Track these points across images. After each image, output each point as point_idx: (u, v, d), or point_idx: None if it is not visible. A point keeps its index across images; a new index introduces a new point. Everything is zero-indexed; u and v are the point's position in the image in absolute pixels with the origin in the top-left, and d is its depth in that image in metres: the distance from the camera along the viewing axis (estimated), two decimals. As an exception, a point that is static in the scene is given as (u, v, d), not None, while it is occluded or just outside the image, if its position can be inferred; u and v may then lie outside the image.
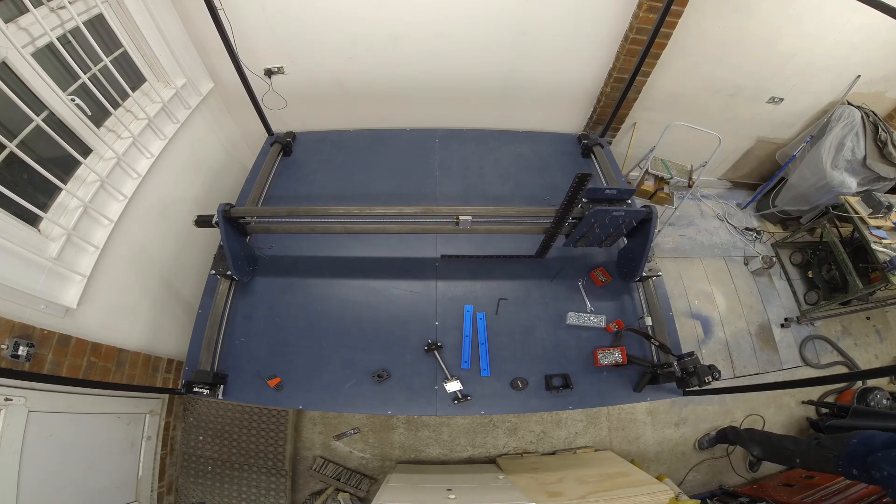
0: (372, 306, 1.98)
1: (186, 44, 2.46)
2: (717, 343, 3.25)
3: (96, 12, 1.93)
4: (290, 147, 2.59)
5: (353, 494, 2.56)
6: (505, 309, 1.98)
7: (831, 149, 3.09)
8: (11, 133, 1.58)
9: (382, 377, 1.76)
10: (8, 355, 1.45)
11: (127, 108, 2.17)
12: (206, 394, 1.69)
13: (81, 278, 1.76)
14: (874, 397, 2.74)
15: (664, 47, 2.59)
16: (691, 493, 2.73)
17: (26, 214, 1.61)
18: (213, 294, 1.94)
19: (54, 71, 1.76)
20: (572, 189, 1.55)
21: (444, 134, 2.71)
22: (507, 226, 1.99)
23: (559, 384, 1.78)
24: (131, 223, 2.08)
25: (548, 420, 2.85)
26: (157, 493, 2.21)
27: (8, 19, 1.56)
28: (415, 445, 2.74)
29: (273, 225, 2.05)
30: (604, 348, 1.84)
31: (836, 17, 2.55)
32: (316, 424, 2.76)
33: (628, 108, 3.07)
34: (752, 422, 3.00)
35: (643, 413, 2.96)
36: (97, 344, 1.86)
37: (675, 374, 1.75)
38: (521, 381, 1.78)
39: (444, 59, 2.75)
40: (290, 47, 2.62)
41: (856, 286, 2.91)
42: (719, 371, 1.71)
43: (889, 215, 2.90)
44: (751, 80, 2.96)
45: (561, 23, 2.56)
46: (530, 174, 2.51)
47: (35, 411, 1.56)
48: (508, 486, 2.08)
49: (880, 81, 3.03)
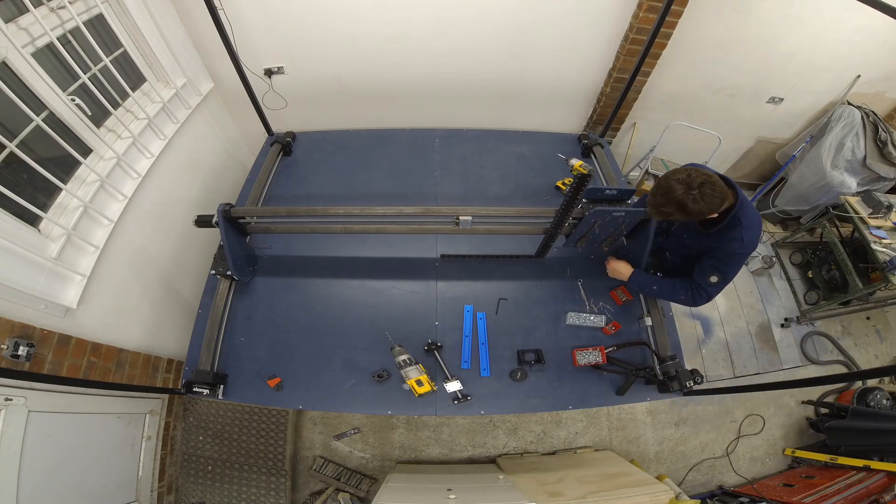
0: (372, 306, 1.97)
1: (186, 44, 2.46)
2: (718, 343, 3.25)
3: (96, 12, 1.93)
4: (290, 147, 2.58)
5: (353, 494, 2.56)
6: (505, 309, 1.98)
7: (831, 149, 3.09)
8: (11, 133, 1.58)
9: (382, 377, 1.76)
10: (8, 355, 1.45)
11: (127, 108, 2.17)
12: (206, 394, 1.69)
13: (81, 278, 1.76)
14: (874, 397, 2.74)
15: (664, 47, 2.60)
16: (691, 493, 2.73)
17: (26, 214, 1.61)
18: (213, 294, 1.94)
19: (54, 71, 1.76)
20: (572, 189, 1.55)
21: (444, 134, 2.71)
22: (507, 226, 1.99)
23: (531, 359, 1.80)
24: (131, 223, 2.08)
25: (548, 420, 2.85)
26: (157, 492, 2.21)
27: (8, 19, 1.56)
28: (415, 445, 2.74)
29: (273, 225, 2.05)
30: (582, 348, 1.83)
31: (836, 17, 2.55)
32: (316, 424, 2.76)
33: (628, 108, 3.07)
34: (751, 422, 3.00)
35: (643, 413, 2.96)
36: (97, 344, 1.86)
37: (657, 377, 1.75)
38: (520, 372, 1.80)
39: (443, 59, 2.75)
40: (290, 47, 2.62)
41: (856, 286, 2.91)
42: (702, 376, 1.71)
43: (889, 215, 2.90)
44: (751, 80, 2.96)
45: (561, 23, 2.56)
46: (530, 174, 2.51)
47: (35, 411, 1.56)
48: (509, 486, 2.08)
49: (880, 81, 3.03)
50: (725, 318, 3.34)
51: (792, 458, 2.90)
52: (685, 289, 1.73)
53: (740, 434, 2.97)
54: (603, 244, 1.98)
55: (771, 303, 3.47)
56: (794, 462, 2.90)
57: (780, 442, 3.00)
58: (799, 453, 2.85)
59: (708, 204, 1.40)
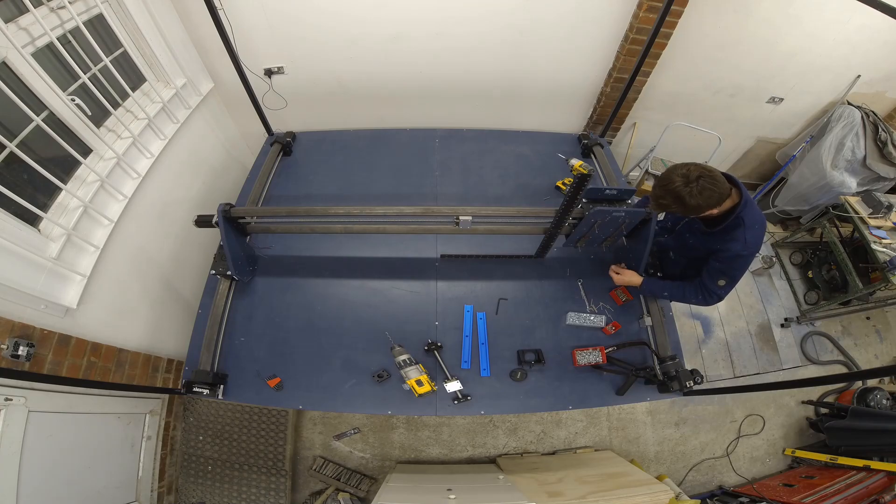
0: (372, 306, 1.97)
1: (186, 44, 2.46)
2: (717, 343, 3.25)
3: (96, 12, 1.93)
4: (290, 147, 2.58)
5: (353, 494, 2.56)
6: (505, 309, 1.98)
7: (831, 149, 3.09)
8: (11, 133, 1.58)
9: (382, 377, 1.76)
10: (8, 355, 1.45)
11: (127, 108, 2.17)
12: (206, 394, 1.69)
13: (81, 278, 1.76)
14: (874, 397, 2.74)
15: (664, 47, 2.60)
16: (691, 493, 2.73)
17: (26, 214, 1.61)
18: (213, 294, 1.94)
19: (54, 71, 1.76)
20: (572, 189, 1.55)
21: (444, 134, 2.71)
22: (507, 226, 1.99)
23: (531, 359, 1.80)
24: (131, 223, 2.08)
25: (548, 420, 2.85)
26: (157, 493, 2.21)
27: (8, 19, 1.56)
28: (415, 445, 2.74)
29: (273, 225, 2.04)
30: (582, 348, 1.83)
31: (836, 17, 2.55)
32: (316, 424, 2.76)
33: (628, 108, 3.07)
34: (751, 422, 3.00)
35: (643, 413, 2.96)
36: (97, 344, 1.86)
37: (657, 377, 1.75)
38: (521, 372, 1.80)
39: (443, 59, 2.75)
40: (290, 47, 2.62)
41: (856, 286, 2.91)
42: (701, 376, 1.71)
43: (889, 215, 2.90)
44: (751, 80, 2.96)
45: (561, 23, 2.56)
46: (530, 174, 2.51)
47: (35, 411, 1.56)
48: (508, 486, 2.08)
49: (880, 81, 3.03)
50: (725, 318, 3.34)
51: (792, 458, 2.90)
52: (695, 292, 1.74)
53: (740, 434, 2.97)
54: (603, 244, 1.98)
55: (771, 303, 3.47)
56: (794, 462, 2.90)
57: (780, 442, 3.00)
58: (799, 453, 2.85)
59: (706, 199, 1.39)
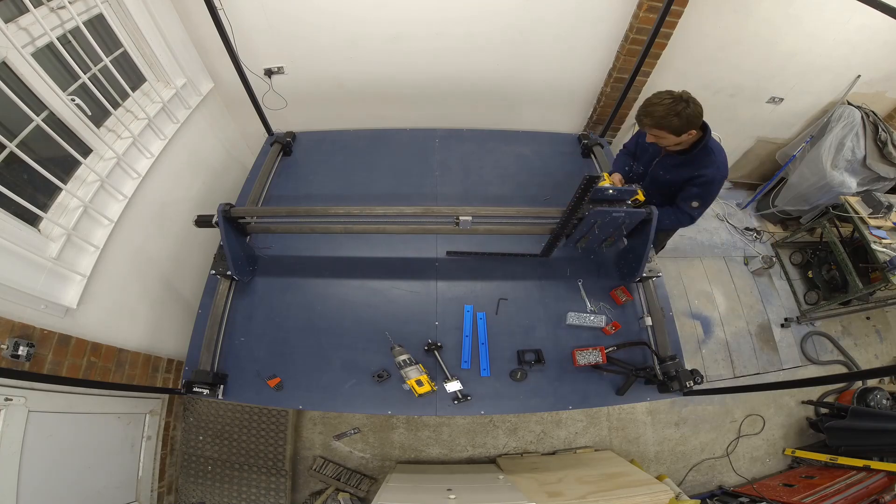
0: (372, 306, 1.97)
1: (186, 44, 2.46)
2: (717, 343, 3.25)
3: (96, 12, 1.93)
4: (290, 147, 2.58)
5: (353, 494, 2.56)
6: (505, 309, 1.98)
7: (831, 149, 3.09)
8: (11, 133, 1.58)
9: (382, 377, 1.76)
10: (8, 355, 1.45)
11: (127, 108, 2.17)
12: (206, 394, 1.69)
13: (81, 278, 1.76)
14: (874, 397, 2.74)
15: (664, 47, 2.59)
16: (691, 493, 2.73)
17: (26, 214, 1.61)
18: (213, 294, 1.94)
19: (54, 71, 1.76)
20: (580, 191, 1.55)
21: (444, 134, 2.71)
22: (506, 226, 1.99)
23: (531, 359, 1.81)
24: (131, 223, 2.08)
25: (548, 420, 2.85)
26: (157, 493, 2.21)
27: (8, 19, 1.56)
28: (415, 445, 2.74)
29: (273, 225, 2.05)
30: (582, 348, 1.83)
31: (836, 17, 2.56)
32: (316, 424, 2.76)
33: (628, 108, 3.06)
34: (751, 422, 3.00)
35: (643, 413, 2.96)
36: (97, 344, 1.86)
37: (657, 377, 1.75)
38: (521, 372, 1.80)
39: (443, 59, 2.75)
40: (290, 47, 2.62)
41: (856, 286, 2.91)
42: (702, 376, 1.71)
43: (889, 215, 2.90)
44: (751, 80, 2.97)
45: (561, 23, 2.56)
46: (530, 174, 2.51)
47: (35, 411, 1.56)
48: (508, 486, 2.08)
49: (880, 81, 3.03)
50: (725, 318, 3.34)
51: (792, 458, 2.90)
52: (668, 214, 1.93)
53: (740, 434, 2.97)
54: (603, 244, 1.99)
55: (771, 303, 3.47)
56: (794, 462, 2.90)
57: (780, 442, 3.00)
58: (799, 453, 2.85)
59: (688, 119, 1.63)
